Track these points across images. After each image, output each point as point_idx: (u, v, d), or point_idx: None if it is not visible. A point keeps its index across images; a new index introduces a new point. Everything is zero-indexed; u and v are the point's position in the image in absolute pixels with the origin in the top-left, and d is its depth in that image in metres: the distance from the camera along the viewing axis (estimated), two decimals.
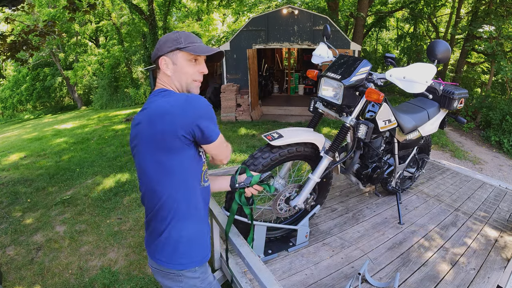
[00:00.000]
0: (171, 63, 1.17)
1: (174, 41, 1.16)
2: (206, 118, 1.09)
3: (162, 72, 1.19)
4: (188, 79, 1.20)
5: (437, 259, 2.16)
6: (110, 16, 16.55)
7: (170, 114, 1.05)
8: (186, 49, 1.15)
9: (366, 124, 1.93)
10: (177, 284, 1.17)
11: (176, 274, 1.15)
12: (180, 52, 1.16)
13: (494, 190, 3.35)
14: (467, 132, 8.42)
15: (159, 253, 1.15)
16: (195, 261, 1.17)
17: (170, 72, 1.18)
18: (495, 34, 8.14)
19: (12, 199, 4.27)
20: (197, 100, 1.09)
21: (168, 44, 1.16)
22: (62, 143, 7.62)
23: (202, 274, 1.20)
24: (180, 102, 1.07)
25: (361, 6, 10.21)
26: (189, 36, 1.18)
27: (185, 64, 1.18)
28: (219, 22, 21.27)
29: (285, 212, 2.15)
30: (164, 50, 1.16)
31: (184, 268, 1.15)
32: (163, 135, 1.06)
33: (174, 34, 1.18)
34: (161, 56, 1.17)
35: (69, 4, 4.70)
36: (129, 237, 3.26)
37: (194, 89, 1.23)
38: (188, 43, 1.16)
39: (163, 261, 1.15)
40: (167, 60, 1.17)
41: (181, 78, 1.19)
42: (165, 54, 1.16)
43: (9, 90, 18.52)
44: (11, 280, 2.69)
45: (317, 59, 2.28)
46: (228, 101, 8.42)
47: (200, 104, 1.08)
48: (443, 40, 1.68)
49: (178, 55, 1.16)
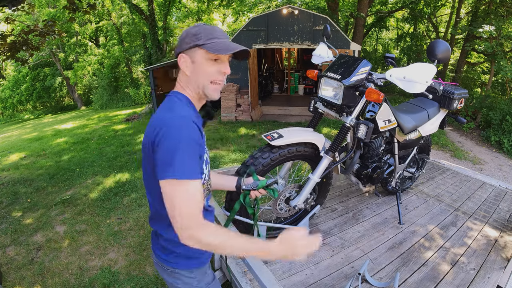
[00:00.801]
0: (189, 61, 1.05)
1: (193, 37, 1.03)
2: (166, 148, 0.92)
3: (182, 71, 1.08)
4: (206, 80, 1.06)
5: (437, 259, 2.16)
6: (110, 16, 16.56)
7: (149, 129, 1.00)
8: (205, 46, 1.02)
9: (366, 124, 1.93)
10: (174, 280, 1.19)
11: (172, 271, 1.17)
12: (200, 49, 1.03)
13: (494, 190, 3.35)
14: (467, 132, 8.42)
15: (159, 250, 1.18)
16: (192, 264, 1.18)
17: (189, 72, 1.06)
18: (495, 34, 8.14)
19: (12, 199, 4.27)
20: (174, 122, 0.94)
21: (187, 40, 1.04)
22: (62, 143, 7.62)
23: (199, 275, 1.20)
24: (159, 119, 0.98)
25: (361, 6, 10.21)
26: (211, 30, 1.05)
27: (205, 63, 1.05)
28: (219, 22, 21.28)
29: (285, 212, 2.15)
30: (183, 46, 1.05)
31: (181, 268, 1.16)
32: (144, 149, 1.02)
33: (195, 28, 1.05)
34: (180, 53, 1.06)
35: (69, 4, 4.70)
36: (129, 237, 3.26)
37: (211, 92, 1.08)
38: (208, 40, 1.03)
39: (162, 258, 1.17)
40: (186, 58, 1.05)
41: (199, 78, 1.06)
42: (184, 51, 1.05)
43: (9, 90, 18.53)
44: (11, 280, 2.69)
45: (317, 59, 2.28)
46: (228, 101, 8.42)
47: (170, 130, 0.93)
48: (443, 40, 1.68)
49: (197, 53, 1.04)
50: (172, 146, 0.92)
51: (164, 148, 0.93)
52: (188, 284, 1.19)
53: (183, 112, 0.99)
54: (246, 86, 8.43)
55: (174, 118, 0.96)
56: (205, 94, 1.09)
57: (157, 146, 0.94)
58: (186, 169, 0.92)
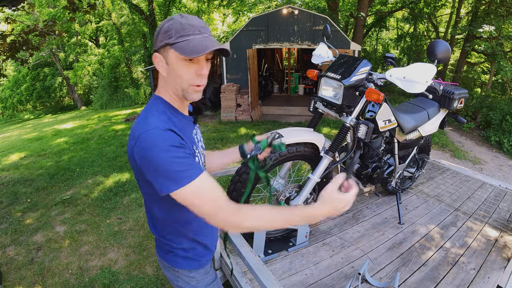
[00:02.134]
0: (164, 62, 0.94)
1: (165, 34, 0.91)
2: (152, 165, 0.87)
3: (159, 71, 0.98)
4: (184, 84, 0.95)
5: (437, 259, 2.16)
6: (110, 16, 16.55)
7: (129, 142, 0.95)
8: (175, 46, 0.90)
9: (366, 124, 1.93)
10: (175, 278, 1.20)
11: (172, 269, 1.18)
12: (171, 49, 0.91)
13: (494, 190, 3.35)
14: (467, 132, 8.42)
15: (159, 247, 1.20)
16: (191, 265, 1.18)
17: (164, 72, 0.96)
18: (495, 34, 8.14)
19: (12, 199, 4.27)
20: (147, 142, 0.87)
21: (160, 38, 0.92)
22: (62, 143, 7.62)
23: (198, 275, 1.21)
24: (134, 136, 0.91)
25: (361, 6, 10.21)
26: (184, 25, 0.90)
27: (178, 64, 0.92)
28: (219, 22, 21.28)
29: None
30: (157, 44, 0.93)
31: (180, 267, 1.17)
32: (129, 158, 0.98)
33: (167, 23, 0.92)
34: (155, 51, 0.96)
35: (69, 4, 4.70)
36: (129, 237, 3.26)
37: (192, 95, 0.98)
38: (179, 37, 0.89)
39: (161, 255, 1.19)
40: (160, 58, 0.94)
41: (176, 81, 0.96)
42: (158, 50, 0.94)
43: (9, 90, 18.52)
44: (11, 280, 2.69)
45: (317, 59, 2.28)
46: (228, 101, 8.42)
47: (148, 149, 0.87)
48: (443, 40, 1.68)
49: (169, 52, 0.92)
50: (156, 162, 0.87)
51: (150, 165, 0.88)
52: (187, 283, 1.20)
53: (157, 123, 0.91)
54: (246, 86, 8.43)
55: (147, 132, 0.89)
56: (185, 97, 0.99)
57: (142, 163, 0.90)
58: (183, 173, 0.88)
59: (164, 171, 0.87)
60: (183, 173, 0.88)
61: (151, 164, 0.87)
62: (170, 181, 0.87)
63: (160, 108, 0.98)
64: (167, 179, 0.88)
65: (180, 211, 1.03)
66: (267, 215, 0.94)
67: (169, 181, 0.88)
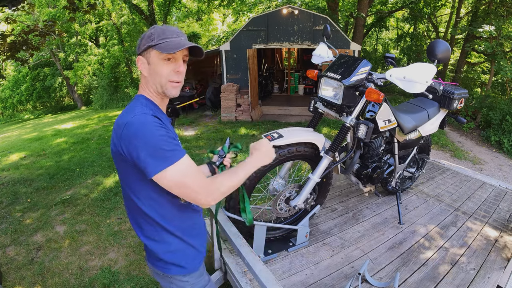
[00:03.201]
0: (146, 63, 1.09)
1: (148, 38, 1.07)
2: (140, 146, 0.95)
3: (142, 73, 1.12)
4: (163, 80, 1.08)
5: (437, 259, 2.16)
6: (110, 16, 16.55)
7: (114, 135, 1.03)
8: (157, 46, 1.05)
9: (366, 124, 1.93)
10: (169, 285, 1.20)
11: (165, 275, 1.18)
12: (153, 50, 1.06)
13: (494, 190, 3.35)
14: (467, 132, 8.42)
15: (150, 256, 1.20)
16: (183, 270, 1.18)
17: (146, 73, 1.10)
18: (495, 34, 8.13)
19: (12, 199, 4.27)
20: (135, 125, 0.96)
21: (143, 42, 1.08)
22: (62, 143, 7.62)
23: (192, 279, 1.21)
24: (120, 124, 1.00)
25: (361, 6, 10.21)
26: (165, 31, 1.07)
27: (158, 63, 1.07)
28: (219, 22, 21.28)
29: (285, 212, 2.15)
30: (140, 48, 1.09)
31: (173, 273, 1.17)
32: (114, 155, 1.06)
33: (150, 30, 1.08)
34: (138, 55, 1.10)
35: (69, 4, 4.70)
36: (129, 237, 3.26)
37: (171, 90, 1.11)
38: (160, 40, 1.05)
39: (153, 263, 1.19)
40: (142, 60, 1.09)
41: (156, 79, 1.09)
42: (141, 53, 1.09)
43: (9, 90, 18.50)
44: (11, 280, 2.69)
45: (317, 59, 2.28)
46: (228, 101, 8.42)
47: (136, 130, 0.96)
48: (443, 40, 1.68)
49: (151, 54, 1.07)
50: (145, 141, 0.95)
51: (138, 146, 0.95)
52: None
53: (143, 110, 1.01)
54: (246, 86, 8.43)
55: (135, 117, 0.98)
56: (164, 93, 1.11)
57: (129, 147, 0.97)
58: (171, 153, 0.97)
59: (153, 150, 0.95)
60: (171, 152, 0.97)
61: (140, 145, 0.95)
62: (159, 160, 0.96)
63: (143, 102, 1.08)
64: (157, 158, 0.95)
65: (165, 206, 1.10)
66: (229, 175, 1.12)
67: (159, 160, 0.96)
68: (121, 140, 0.98)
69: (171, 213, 1.13)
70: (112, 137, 1.06)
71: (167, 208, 1.11)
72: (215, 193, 1.05)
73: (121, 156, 1.01)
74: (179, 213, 1.15)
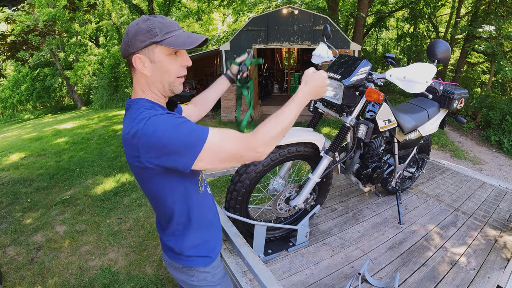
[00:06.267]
0: (148, 61, 0.97)
1: (148, 34, 0.94)
2: (167, 148, 0.89)
3: (139, 73, 0.99)
4: (171, 78, 1.00)
5: (437, 259, 2.16)
6: (110, 16, 16.56)
7: (129, 150, 0.94)
8: (165, 42, 0.95)
9: (366, 124, 1.93)
10: (189, 278, 1.18)
11: (187, 268, 1.17)
12: (158, 46, 0.95)
13: (494, 190, 3.35)
14: (467, 132, 8.42)
15: (171, 250, 1.17)
16: (207, 260, 1.18)
17: (149, 72, 0.98)
18: (495, 34, 8.14)
19: (12, 199, 4.27)
20: (150, 126, 0.88)
21: (140, 38, 0.94)
22: (62, 143, 7.62)
23: (213, 269, 1.21)
24: (133, 135, 0.90)
25: (361, 6, 10.21)
26: (165, 24, 0.96)
27: (165, 60, 0.97)
28: (219, 22, 21.29)
29: (285, 212, 2.15)
30: (137, 45, 0.95)
31: (196, 265, 1.16)
32: (136, 170, 0.98)
33: (146, 23, 0.94)
34: (134, 53, 0.96)
35: (69, 4, 4.70)
36: (129, 237, 3.26)
37: (178, 87, 1.04)
38: (165, 34, 0.95)
39: (175, 258, 1.17)
40: (143, 58, 0.96)
41: (163, 77, 0.99)
42: (139, 51, 0.95)
43: (9, 90, 18.51)
44: (11, 280, 2.69)
45: (317, 59, 2.27)
46: (228, 101, 8.42)
47: (151, 138, 0.88)
48: (443, 40, 1.68)
49: (155, 51, 0.96)
50: (170, 137, 0.88)
51: (165, 146, 0.88)
52: (203, 280, 1.19)
53: (151, 112, 0.93)
54: None
55: (149, 119, 0.90)
56: (172, 91, 1.03)
57: (154, 151, 0.89)
58: (199, 131, 0.90)
59: (183, 141, 0.88)
60: (198, 131, 0.91)
61: (166, 144, 0.88)
62: (192, 145, 0.89)
63: (146, 105, 0.97)
64: (189, 145, 0.89)
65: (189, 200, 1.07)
66: (276, 119, 1.06)
67: (191, 146, 0.89)
68: (140, 149, 0.90)
69: (195, 206, 1.10)
70: (126, 154, 0.97)
71: (191, 201, 1.09)
72: (261, 143, 0.97)
73: (146, 169, 0.94)
74: (201, 204, 1.13)
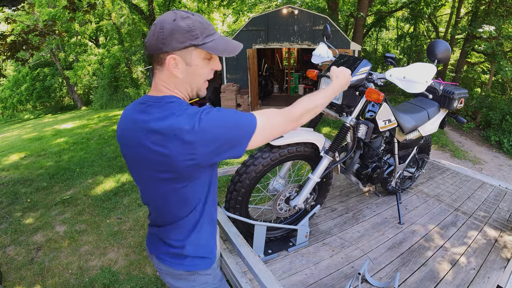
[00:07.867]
0: (183, 64, 0.91)
1: (188, 34, 0.88)
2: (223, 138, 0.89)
3: (169, 73, 0.92)
4: (201, 82, 0.98)
5: (437, 259, 2.16)
6: (110, 16, 16.55)
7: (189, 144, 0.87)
8: (205, 46, 0.90)
9: (366, 124, 1.93)
10: (190, 283, 1.13)
11: (189, 273, 1.12)
12: (196, 49, 0.91)
13: (494, 190, 3.35)
14: (467, 132, 8.42)
15: (172, 257, 1.11)
16: (209, 262, 1.15)
17: (181, 74, 0.93)
18: (495, 34, 8.14)
19: (12, 199, 4.27)
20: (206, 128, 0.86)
21: (178, 38, 0.87)
22: (62, 143, 7.62)
23: (213, 271, 1.19)
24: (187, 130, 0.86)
25: (361, 6, 10.21)
26: (204, 24, 0.91)
27: (201, 64, 0.94)
28: (219, 22, 21.29)
29: (285, 212, 2.15)
30: (174, 45, 0.88)
31: (199, 269, 1.13)
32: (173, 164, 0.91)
33: (185, 22, 0.87)
34: (169, 53, 0.89)
35: (69, 4, 4.70)
36: (129, 237, 3.26)
37: (204, 90, 1.02)
38: (205, 37, 0.90)
39: (176, 264, 1.10)
40: (178, 60, 0.90)
41: (194, 80, 0.96)
42: (174, 51, 0.89)
43: (9, 90, 18.52)
44: (11, 280, 2.69)
45: (317, 59, 2.27)
46: (228, 101, 8.43)
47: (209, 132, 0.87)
48: (443, 40, 1.68)
49: (193, 53, 0.91)
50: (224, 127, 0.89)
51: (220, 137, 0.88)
52: (204, 284, 1.16)
53: (199, 108, 0.93)
54: (246, 86, 8.43)
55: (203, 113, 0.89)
56: (198, 94, 1.02)
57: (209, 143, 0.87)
58: (247, 116, 0.95)
59: (237, 132, 0.92)
60: (247, 118, 0.95)
61: (223, 136, 0.89)
62: (245, 133, 0.93)
63: (183, 102, 0.96)
64: (243, 134, 0.93)
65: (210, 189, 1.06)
66: (311, 97, 1.20)
67: (245, 134, 0.93)
68: (197, 145, 0.86)
69: (211, 198, 1.08)
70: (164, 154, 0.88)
71: (208, 194, 1.06)
72: (299, 113, 1.13)
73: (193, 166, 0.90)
74: (214, 197, 1.10)
